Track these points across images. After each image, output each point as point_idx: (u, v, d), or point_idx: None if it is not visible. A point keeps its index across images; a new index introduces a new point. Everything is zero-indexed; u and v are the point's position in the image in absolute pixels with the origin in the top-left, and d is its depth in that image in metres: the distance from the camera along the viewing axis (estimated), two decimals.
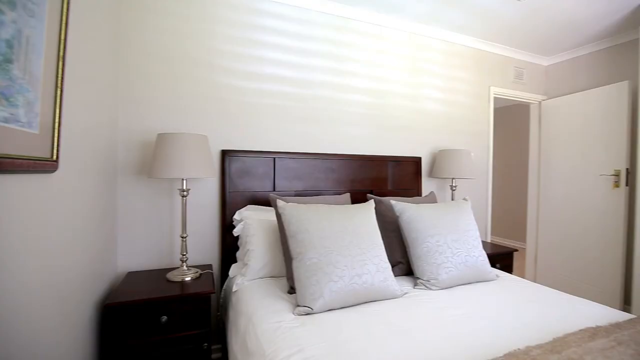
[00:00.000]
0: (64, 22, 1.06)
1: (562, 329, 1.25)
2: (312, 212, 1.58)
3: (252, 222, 1.86)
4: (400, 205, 1.86)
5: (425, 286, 1.67)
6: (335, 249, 1.48)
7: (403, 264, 1.87)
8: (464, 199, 2.07)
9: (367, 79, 2.57)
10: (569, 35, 2.96)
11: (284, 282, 1.71)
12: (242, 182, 2.09)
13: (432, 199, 2.30)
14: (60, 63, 1.06)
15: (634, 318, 1.31)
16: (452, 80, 2.97)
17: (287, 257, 1.62)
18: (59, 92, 1.06)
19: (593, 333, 1.16)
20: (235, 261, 1.98)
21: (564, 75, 3.41)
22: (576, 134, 3.17)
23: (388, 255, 1.89)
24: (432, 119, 2.87)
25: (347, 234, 1.54)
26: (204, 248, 2.05)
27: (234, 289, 1.71)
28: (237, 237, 1.98)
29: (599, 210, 2.96)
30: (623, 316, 1.39)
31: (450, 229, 1.78)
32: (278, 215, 1.67)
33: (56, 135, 1.05)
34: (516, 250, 2.58)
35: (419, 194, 2.70)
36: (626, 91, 2.78)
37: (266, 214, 1.94)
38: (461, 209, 1.93)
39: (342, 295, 1.41)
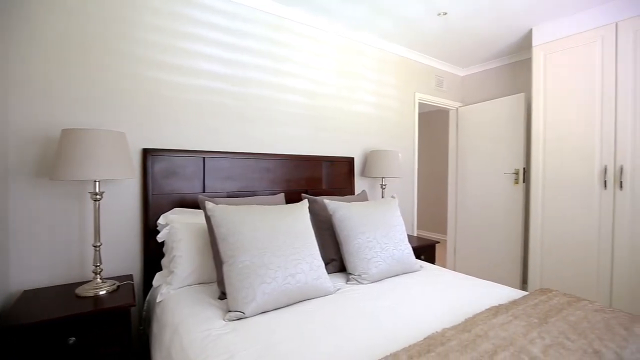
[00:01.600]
0: None
1: (472, 311, 1.41)
2: (244, 213, 1.53)
3: (178, 226, 1.73)
4: (333, 204, 1.90)
5: (357, 281, 1.74)
6: (268, 250, 1.45)
7: (336, 261, 1.92)
8: (392, 196, 2.20)
9: (304, 80, 2.59)
10: (480, 50, 3.35)
11: (214, 288, 1.62)
12: (168, 183, 1.94)
13: (363, 197, 2.40)
14: None
15: (526, 295, 1.53)
16: (382, 85, 3.15)
17: (217, 261, 1.55)
18: None
19: (496, 311, 1.33)
20: (160, 269, 1.83)
21: (476, 85, 3.86)
22: (486, 138, 3.60)
23: (322, 253, 1.93)
24: (364, 121, 3.01)
25: (280, 234, 1.52)
26: (122, 257, 1.85)
27: (159, 299, 1.57)
28: (162, 243, 1.84)
29: (503, 204, 3.41)
30: (520, 294, 1.62)
31: (379, 225, 1.88)
32: (207, 218, 1.58)
33: None
34: (438, 242, 2.84)
35: (352, 192, 2.81)
36: (523, 102, 3.25)
37: (195, 217, 1.83)
38: (389, 206, 2.05)
39: (275, 297, 1.39)
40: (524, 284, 3.23)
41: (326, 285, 1.56)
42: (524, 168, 3.25)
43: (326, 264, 1.91)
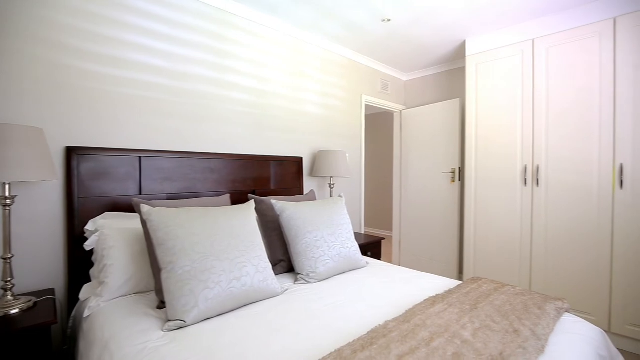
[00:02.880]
0: None
1: (413, 302, 1.49)
2: (184, 215, 1.45)
3: (110, 232, 1.58)
4: (280, 205, 1.88)
5: (305, 280, 1.74)
6: (211, 254, 1.39)
7: (285, 261, 1.90)
8: (339, 195, 2.25)
9: (251, 79, 2.53)
10: (421, 57, 3.57)
11: (152, 297, 1.51)
12: (98, 185, 1.76)
13: (311, 197, 2.42)
14: None
15: (460, 284, 1.66)
16: (330, 86, 3.20)
17: (155, 268, 1.44)
18: None
19: (433, 301, 1.42)
20: (89, 281, 1.65)
21: (418, 89, 4.11)
22: (426, 139, 3.84)
23: (270, 254, 1.91)
24: (312, 121, 3.03)
25: (224, 237, 1.47)
26: (42, 270, 1.64)
27: (86, 313, 1.42)
28: (92, 252, 1.66)
29: (442, 202, 3.67)
30: (455, 284, 1.75)
31: (327, 224, 1.91)
32: (143, 222, 1.47)
33: None
34: (383, 238, 2.96)
35: (300, 192, 2.81)
36: (458, 107, 3.52)
37: (130, 222, 1.68)
38: (336, 205, 2.09)
39: (219, 302, 1.33)
40: (460, 274, 3.51)
41: (273, 287, 1.54)
42: (459, 167, 3.53)
43: (274, 265, 1.89)
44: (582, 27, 2.45)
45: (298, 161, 2.81)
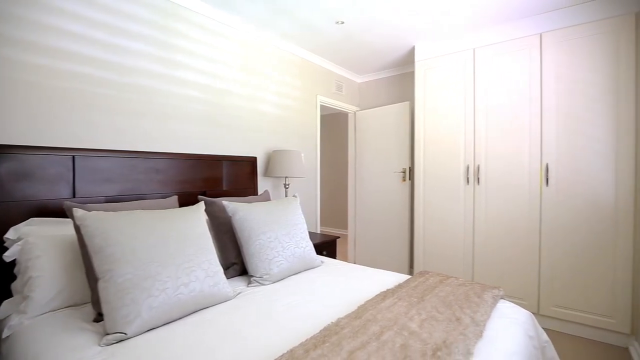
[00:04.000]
0: None
1: (365, 298, 1.53)
2: (125, 220, 1.34)
3: (36, 240, 1.41)
4: (232, 206, 1.83)
5: (259, 282, 1.71)
6: (155, 260, 1.30)
7: (237, 264, 1.85)
8: (294, 195, 2.24)
9: (203, 75, 2.42)
10: (374, 60, 3.68)
11: (88, 310, 1.38)
12: (21, 188, 1.56)
13: (265, 197, 2.38)
14: None
15: (409, 278, 1.74)
16: (285, 86, 3.17)
17: (91, 277, 1.32)
18: None
19: (384, 296, 1.47)
20: (10, 296, 1.46)
21: (371, 91, 4.24)
22: (379, 140, 3.98)
23: (222, 258, 1.84)
24: (267, 120, 2.98)
25: (170, 241, 1.38)
26: None
27: (6, 333, 1.26)
28: (14, 264, 1.47)
29: (394, 200, 3.83)
30: (405, 278, 1.83)
31: (281, 224, 1.89)
32: (77, 228, 1.33)
33: None
34: (339, 237, 3.01)
35: (255, 193, 2.76)
36: (408, 109, 3.70)
37: (61, 228, 1.52)
38: (291, 205, 2.08)
39: (165, 310, 1.26)
40: (411, 269, 3.69)
41: (225, 291, 1.49)
42: (409, 167, 3.71)
43: (226, 269, 1.83)
44: (514, 40, 2.70)
45: (252, 161, 2.75)
